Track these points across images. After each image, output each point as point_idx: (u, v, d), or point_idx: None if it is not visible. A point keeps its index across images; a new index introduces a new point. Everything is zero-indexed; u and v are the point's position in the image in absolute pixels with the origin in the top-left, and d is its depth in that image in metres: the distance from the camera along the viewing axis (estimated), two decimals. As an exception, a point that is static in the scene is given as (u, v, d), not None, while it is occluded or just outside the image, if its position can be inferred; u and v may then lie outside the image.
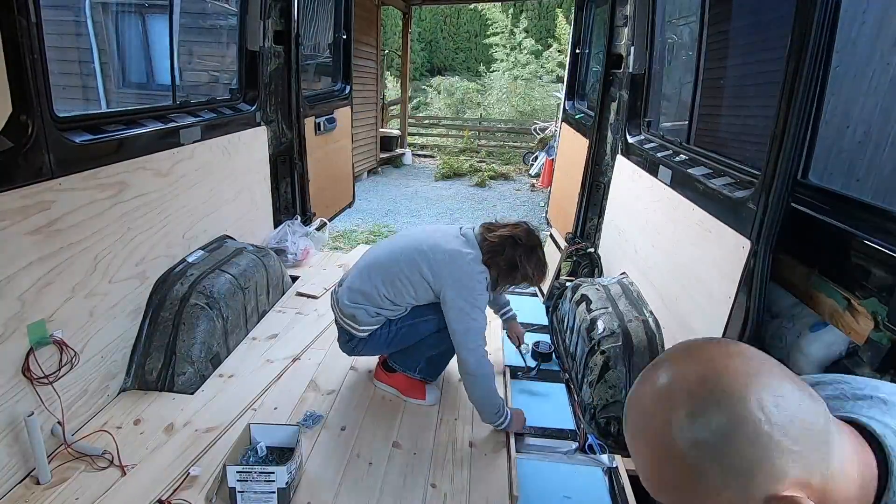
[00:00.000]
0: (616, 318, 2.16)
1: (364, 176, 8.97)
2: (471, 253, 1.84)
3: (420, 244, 1.88)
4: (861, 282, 1.24)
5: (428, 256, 1.84)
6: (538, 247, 1.90)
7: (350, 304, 1.91)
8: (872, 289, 1.20)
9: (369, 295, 1.89)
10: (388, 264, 1.89)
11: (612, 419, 1.94)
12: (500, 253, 1.84)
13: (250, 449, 1.66)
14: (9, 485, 1.51)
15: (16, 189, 1.46)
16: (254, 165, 3.04)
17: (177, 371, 2.04)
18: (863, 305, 1.21)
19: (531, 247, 1.87)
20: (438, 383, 2.17)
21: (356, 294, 1.91)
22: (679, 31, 2.98)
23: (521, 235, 1.86)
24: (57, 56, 5.34)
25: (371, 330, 1.93)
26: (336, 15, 4.23)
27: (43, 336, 1.58)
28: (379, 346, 1.99)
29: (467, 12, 20.54)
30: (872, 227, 1.26)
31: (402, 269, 1.85)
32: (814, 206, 1.47)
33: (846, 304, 1.27)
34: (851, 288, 1.26)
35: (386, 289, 1.87)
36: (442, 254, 1.83)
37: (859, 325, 1.22)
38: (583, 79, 4.14)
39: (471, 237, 1.89)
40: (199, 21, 5.50)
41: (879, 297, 1.18)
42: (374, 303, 1.89)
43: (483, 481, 1.69)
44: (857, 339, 1.23)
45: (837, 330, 1.31)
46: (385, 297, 1.88)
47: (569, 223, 3.54)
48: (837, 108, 1.86)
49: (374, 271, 1.91)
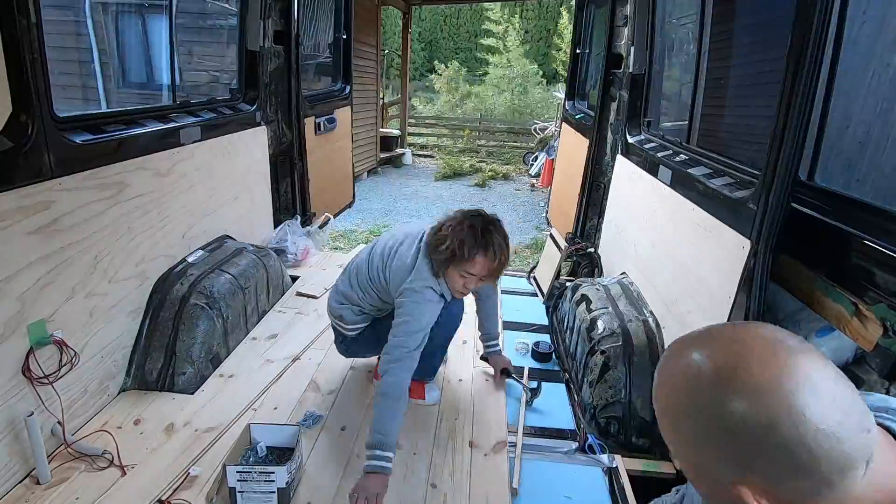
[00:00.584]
0: (616, 318, 2.16)
1: (364, 176, 8.97)
2: (417, 250, 1.77)
3: (385, 248, 1.88)
4: (870, 287, 1.21)
5: (388, 259, 1.84)
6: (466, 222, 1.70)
7: (336, 304, 1.96)
8: (882, 294, 1.18)
9: (350, 296, 1.94)
10: (364, 268, 1.91)
11: (612, 419, 1.94)
12: (438, 243, 1.70)
13: (250, 449, 1.66)
14: (9, 485, 1.51)
15: (16, 189, 1.46)
16: (254, 165, 3.04)
17: (177, 371, 2.04)
18: (871, 311, 1.19)
19: (459, 225, 1.69)
20: (438, 382, 2.17)
21: (341, 295, 1.96)
22: (679, 31, 2.98)
23: (451, 221, 1.71)
24: (57, 56, 5.33)
25: (359, 329, 1.97)
26: (336, 15, 4.23)
27: (43, 336, 1.58)
28: (369, 344, 2.00)
29: (467, 12, 20.55)
30: (882, 231, 1.23)
31: (370, 273, 1.88)
32: (820, 208, 1.45)
33: (854, 309, 1.24)
34: (859, 293, 1.24)
35: (364, 292, 1.91)
36: (395, 257, 1.82)
37: (867, 332, 1.20)
38: (583, 79, 4.15)
39: (423, 234, 1.82)
40: (199, 21, 5.50)
41: (889, 303, 1.15)
42: (354, 302, 1.94)
43: (483, 481, 1.69)
44: (864, 345, 1.21)
45: (844, 336, 1.29)
46: (364, 300, 1.92)
47: (569, 223, 3.54)
48: (837, 108, 1.85)
49: (353, 275, 1.95)
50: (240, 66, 2.97)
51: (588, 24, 3.92)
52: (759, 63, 2.25)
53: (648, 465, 1.83)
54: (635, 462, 1.84)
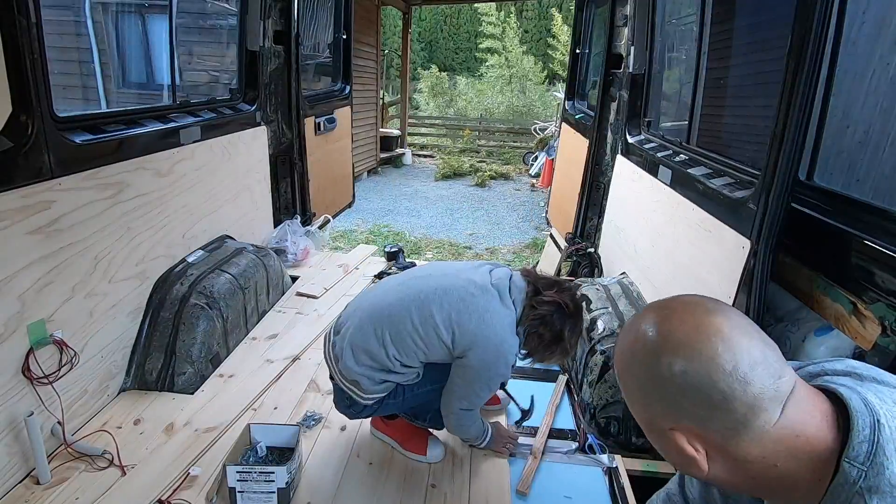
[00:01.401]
0: (616, 318, 2.16)
1: (364, 176, 8.97)
2: (507, 315, 1.48)
3: (437, 292, 1.49)
4: (868, 286, 1.22)
5: (447, 311, 1.45)
6: (581, 315, 1.56)
7: (355, 367, 1.50)
8: (880, 293, 1.19)
9: (375, 355, 1.49)
10: (396, 314, 1.49)
11: (612, 419, 1.94)
12: (547, 324, 1.48)
13: (250, 449, 1.66)
14: (9, 485, 1.51)
15: (16, 189, 1.46)
16: (254, 165, 3.04)
17: (177, 371, 2.04)
18: (870, 310, 1.20)
19: (577, 317, 1.52)
20: (444, 437, 1.83)
21: (361, 354, 1.50)
22: (679, 31, 2.98)
23: (567, 302, 1.50)
24: (57, 56, 5.34)
25: (378, 398, 1.55)
26: (336, 15, 4.23)
27: (43, 336, 1.58)
28: (386, 410, 1.64)
29: (467, 12, 20.56)
30: (881, 230, 1.24)
31: (414, 323, 1.47)
32: (819, 208, 1.45)
33: (852, 308, 1.25)
34: (858, 292, 1.25)
35: (395, 348, 1.48)
36: (468, 312, 1.45)
37: (866, 331, 1.21)
38: (583, 79, 4.15)
39: (504, 289, 1.51)
40: (199, 21, 5.50)
41: (887, 303, 1.16)
42: (381, 364, 1.49)
43: (483, 481, 1.69)
44: (863, 344, 1.22)
45: (843, 335, 1.30)
46: (395, 358, 1.48)
47: (569, 223, 3.54)
48: (837, 108, 1.86)
49: (378, 323, 1.50)
50: (240, 66, 2.97)
51: (588, 23, 3.92)
52: (759, 63, 2.25)
53: (648, 465, 1.83)
54: (635, 462, 1.84)
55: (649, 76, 2.78)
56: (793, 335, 1.50)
